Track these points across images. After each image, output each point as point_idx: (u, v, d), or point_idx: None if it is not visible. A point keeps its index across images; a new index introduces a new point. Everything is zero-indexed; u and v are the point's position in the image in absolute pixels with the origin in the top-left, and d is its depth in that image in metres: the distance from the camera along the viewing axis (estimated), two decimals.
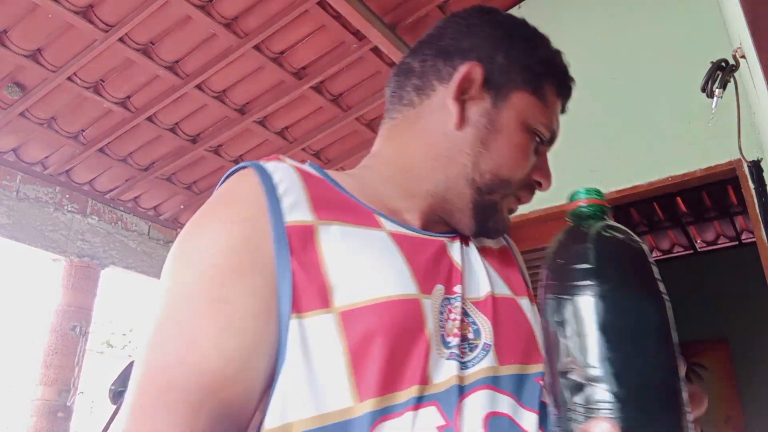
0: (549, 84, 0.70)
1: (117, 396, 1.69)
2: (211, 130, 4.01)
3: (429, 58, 0.70)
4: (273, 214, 0.55)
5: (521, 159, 0.66)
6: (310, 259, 0.54)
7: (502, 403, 0.55)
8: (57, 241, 4.13)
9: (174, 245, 0.57)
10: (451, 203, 0.67)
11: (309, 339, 0.51)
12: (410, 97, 0.71)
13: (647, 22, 2.79)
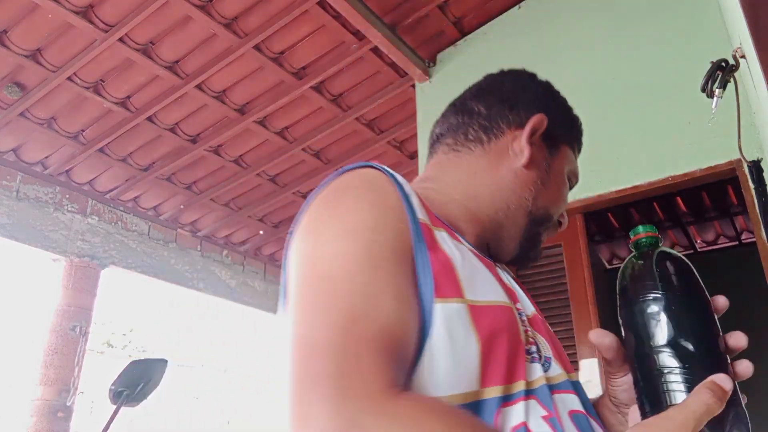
0: (577, 142, 0.86)
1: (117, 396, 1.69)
2: (211, 130, 4.01)
3: (495, 105, 0.83)
4: (409, 210, 0.62)
5: (562, 200, 0.82)
6: (442, 255, 0.61)
7: (575, 402, 0.66)
8: (57, 241, 4.13)
9: (314, 218, 0.61)
10: (506, 230, 0.78)
11: (450, 322, 0.57)
12: (478, 135, 0.81)
13: (647, 22, 2.79)
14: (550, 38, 3.06)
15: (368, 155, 4.53)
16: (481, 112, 0.84)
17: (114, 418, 1.75)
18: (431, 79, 3.48)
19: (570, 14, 3.04)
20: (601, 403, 0.74)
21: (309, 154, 4.41)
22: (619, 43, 2.84)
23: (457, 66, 3.40)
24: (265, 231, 5.27)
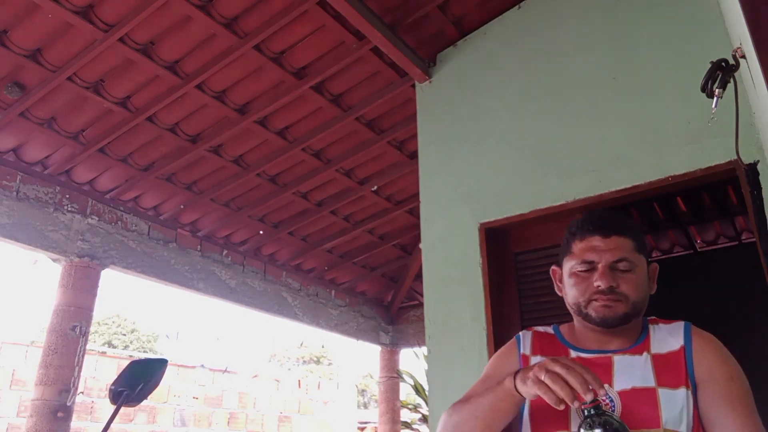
0: (572, 242, 1.23)
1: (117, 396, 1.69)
2: (211, 130, 4.01)
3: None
4: (518, 354, 1.29)
5: (573, 290, 1.21)
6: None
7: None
8: (57, 241, 4.13)
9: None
10: (585, 327, 1.23)
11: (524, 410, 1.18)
12: None
13: (647, 22, 2.79)
14: (550, 38, 3.05)
15: (368, 155, 4.54)
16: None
17: (114, 418, 1.75)
18: (431, 79, 3.48)
19: (570, 14, 3.04)
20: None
21: (309, 154, 4.41)
22: (619, 43, 2.83)
23: (457, 66, 3.40)
24: (265, 231, 5.27)
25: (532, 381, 0.98)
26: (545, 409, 1.06)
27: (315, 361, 21.23)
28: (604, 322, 1.16)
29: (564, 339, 1.26)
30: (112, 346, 14.76)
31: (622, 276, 1.16)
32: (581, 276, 1.19)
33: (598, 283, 1.15)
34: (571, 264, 1.21)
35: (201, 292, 5.04)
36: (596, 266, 1.17)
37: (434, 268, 3.07)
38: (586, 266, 1.18)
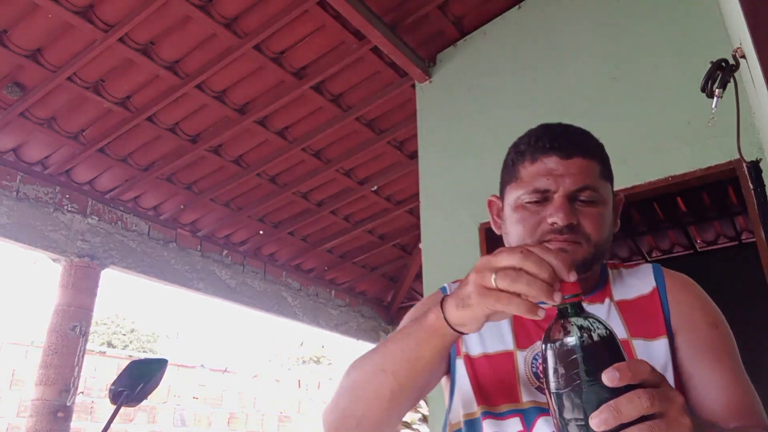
0: (520, 163, 0.94)
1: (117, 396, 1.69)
2: (211, 130, 4.01)
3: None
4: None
5: (519, 226, 0.92)
6: None
7: None
8: (57, 241, 4.13)
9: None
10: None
11: (460, 370, 0.93)
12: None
13: (647, 21, 2.79)
14: (550, 38, 3.05)
15: (368, 155, 4.54)
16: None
17: (114, 418, 1.75)
18: (431, 79, 3.48)
19: (570, 14, 3.04)
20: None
21: (309, 154, 4.41)
22: (619, 43, 2.83)
23: (457, 66, 3.40)
24: (265, 231, 5.27)
25: (476, 295, 0.65)
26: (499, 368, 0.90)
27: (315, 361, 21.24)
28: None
29: None
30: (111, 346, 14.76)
31: (584, 210, 0.89)
32: (530, 209, 0.90)
33: (553, 219, 0.87)
34: (516, 194, 0.92)
35: (201, 292, 5.04)
36: (551, 196, 0.89)
37: (434, 268, 3.07)
38: (536, 196, 0.90)
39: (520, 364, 0.90)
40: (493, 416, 0.87)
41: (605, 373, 0.54)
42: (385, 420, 0.83)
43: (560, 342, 0.59)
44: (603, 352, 0.57)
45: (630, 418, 0.52)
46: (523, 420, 0.85)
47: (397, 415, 0.85)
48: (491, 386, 0.89)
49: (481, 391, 0.89)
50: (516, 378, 0.89)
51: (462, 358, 0.93)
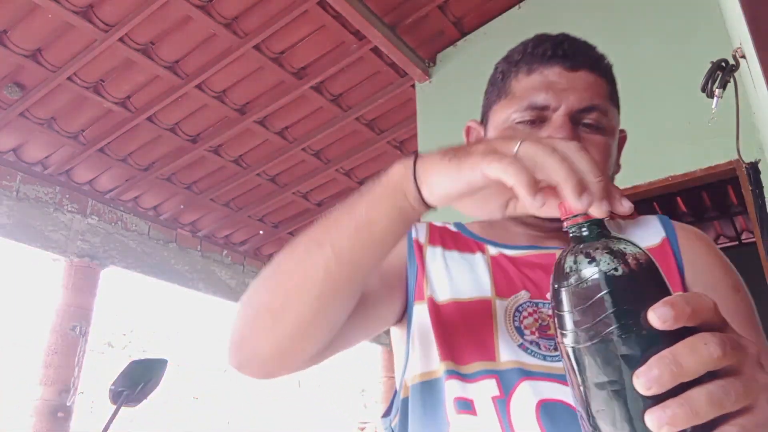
0: (513, 76, 0.78)
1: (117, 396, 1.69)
2: (211, 130, 4.01)
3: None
4: (408, 239, 0.80)
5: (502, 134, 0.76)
6: (422, 265, 0.76)
7: (559, 392, 0.64)
8: (57, 241, 4.13)
9: None
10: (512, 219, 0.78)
11: (419, 317, 0.73)
12: None
13: (647, 22, 2.79)
14: None
15: (368, 155, 4.54)
16: None
17: (114, 418, 1.75)
18: (431, 79, 3.48)
19: (570, 14, 3.04)
20: None
21: (309, 154, 4.41)
22: (619, 43, 2.83)
23: (457, 66, 3.40)
24: (265, 231, 5.27)
25: (482, 151, 0.47)
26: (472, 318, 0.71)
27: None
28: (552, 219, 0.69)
29: (473, 234, 0.82)
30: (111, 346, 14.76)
31: (588, 137, 0.72)
32: (521, 132, 0.74)
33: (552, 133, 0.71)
34: (506, 113, 0.75)
35: (201, 292, 5.04)
36: (549, 115, 0.72)
37: None
38: (532, 114, 0.73)
39: (499, 315, 0.71)
40: (461, 377, 0.67)
41: (653, 310, 0.37)
42: (311, 319, 0.58)
43: (577, 276, 0.41)
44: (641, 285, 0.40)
45: (694, 373, 0.36)
46: (500, 383, 0.65)
47: (330, 317, 0.60)
48: (461, 339, 0.69)
49: (446, 343, 0.69)
50: (493, 331, 0.69)
51: (425, 303, 0.73)
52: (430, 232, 0.82)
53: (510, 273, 0.74)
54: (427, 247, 0.79)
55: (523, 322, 0.70)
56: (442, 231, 0.83)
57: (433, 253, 0.78)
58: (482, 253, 0.78)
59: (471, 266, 0.76)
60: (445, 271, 0.76)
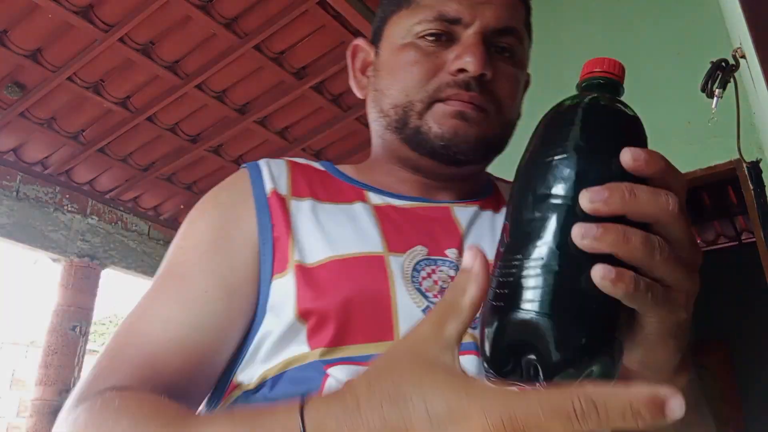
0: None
1: None
2: (211, 130, 4.01)
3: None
4: (256, 194, 0.62)
5: (405, 71, 0.63)
6: (285, 228, 0.60)
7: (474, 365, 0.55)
8: (57, 241, 4.13)
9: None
10: (400, 160, 0.68)
11: (278, 297, 0.56)
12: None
13: (647, 21, 2.79)
14: (550, 38, 3.05)
15: (368, 155, 4.53)
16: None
17: None
18: None
19: (570, 14, 3.04)
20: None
21: (309, 154, 4.41)
22: (619, 43, 2.83)
23: None
24: None
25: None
26: (360, 281, 0.56)
27: None
28: (450, 147, 0.62)
29: (348, 176, 0.71)
30: None
31: (501, 66, 0.63)
32: (424, 49, 0.62)
33: (461, 64, 0.60)
34: (407, 24, 0.64)
35: None
36: (459, 33, 0.62)
37: None
38: (440, 26, 0.62)
39: (395, 274, 0.56)
40: (346, 361, 0.52)
41: (625, 152, 0.35)
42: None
43: (556, 110, 0.40)
44: (618, 130, 0.38)
45: (642, 214, 0.34)
46: None
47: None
48: (346, 310, 0.54)
49: (323, 318, 0.54)
50: (390, 297, 0.55)
51: (288, 273, 0.56)
52: (292, 177, 0.66)
53: (402, 225, 0.62)
54: (291, 201, 0.62)
55: (423, 284, 0.57)
56: (307, 173, 0.68)
57: (300, 208, 0.62)
58: (363, 203, 0.64)
59: (352, 219, 0.62)
60: (318, 228, 0.60)
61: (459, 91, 0.61)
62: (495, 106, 0.63)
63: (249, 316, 0.57)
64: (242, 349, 0.57)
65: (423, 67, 0.62)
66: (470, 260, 0.36)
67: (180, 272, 0.58)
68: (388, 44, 0.67)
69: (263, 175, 0.64)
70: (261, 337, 0.56)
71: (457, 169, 0.65)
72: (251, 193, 0.63)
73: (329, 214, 0.62)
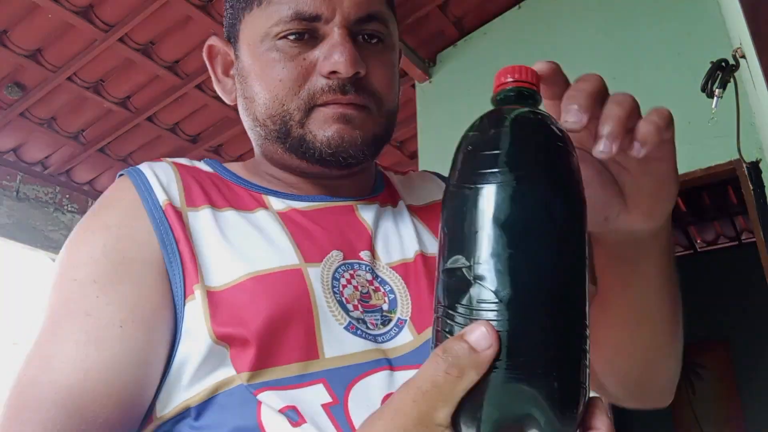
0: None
1: None
2: (211, 130, 4.01)
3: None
4: (148, 206, 0.56)
5: (273, 78, 0.59)
6: (187, 244, 0.54)
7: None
8: (57, 241, 4.13)
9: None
10: (288, 167, 0.64)
11: (190, 320, 0.52)
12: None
13: (647, 21, 2.79)
14: (550, 38, 3.05)
15: None
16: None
17: None
18: (431, 79, 3.47)
19: (570, 14, 3.04)
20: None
21: None
22: (619, 43, 2.84)
23: (457, 66, 3.40)
24: None
25: None
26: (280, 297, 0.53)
27: None
28: (338, 153, 0.59)
29: (241, 178, 0.66)
30: None
31: (373, 56, 0.60)
32: (286, 52, 0.58)
33: (333, 66, 0.56)
34: (264, 26, 0.59)
35: None
36: (319, 29, 0.58)
37: None
38: (299, 26, 0.58)
39: (316, 288, 0.54)
40: (274, 386, 0.49)
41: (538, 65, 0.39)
42: None
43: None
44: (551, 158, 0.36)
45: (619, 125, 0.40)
46: (329, 386, 0.50)
47: None
48: (266, 329, 0.50)
49: (244, 341, 0.50)
50: (313, 316, 0.52)
51: (198, 296, 0.52)
52: (184, 184, 0.60)
53: (311, 231, 0.59)
54: (188, 212, 0.57)
55: (344, 293, 0.55)
56: (198, 177, 0.62)
57: (197, 218, 0.57)
58: (265, 209, 0.60)
59: (258, 229, 0.57)
60: (224, 241, 0.55)
61: (336, 95, 0.58)
62: (375, 100, 0.60)
63: (170, 343, 0.52)
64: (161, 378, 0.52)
65: (292, 73, 0.58)
66: (483, 342, 0.32)
67: (82, 309, 0.51)
68: (246, 47, 0.62)
69: (151, 184, 0.58)
70: (180, 362, 0.51)
71: (349, 170, 0.62)
72: (142, 206, 0.56)
73: (233, 225, 0.57)
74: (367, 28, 0.59)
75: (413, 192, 0.72)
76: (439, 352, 0.33)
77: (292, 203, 0.62)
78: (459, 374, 0.32)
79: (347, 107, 0.58)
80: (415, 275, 0.59)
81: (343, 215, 0.62)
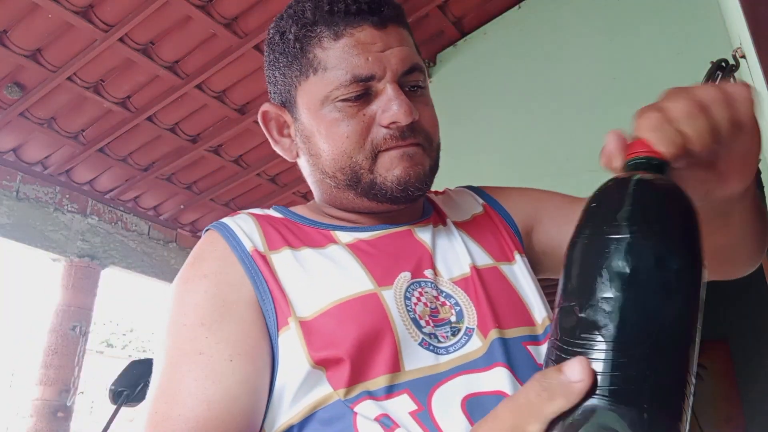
0: (315, 42, 0.68)
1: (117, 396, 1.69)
2: (211, 130, 4.01)
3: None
4: (239, 254, 0.64)
5: (339, 135, 0.66)
6: (276, 284, 0.62)
7: (483, 382, 0.59)
8: (57, 241, 4.13)
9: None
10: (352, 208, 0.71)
11: (286, 350, 0.59)
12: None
13: (647, 22, 2.79)
14: (550, 38, 3.05)
15: None
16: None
17: (114, 418, 1.75)
18: (431, 79, 3.47)
19: (570, 14, 3.04)
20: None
21: None
22: (619, 43, 2.83)
23: (457, 66, 3.40)
24: None
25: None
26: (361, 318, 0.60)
27: None
28: (407, 189, 0.66)
29: (308, 219, 0.72)
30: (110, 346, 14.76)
31: (416, 101, 0.68)
32: (347, 111, 0.65)
33: (393, 117, 0.64)
34: (323, 91, 0.65)
35: None
36: (374, 86, 0.65)
37: None
38: (358, 89, 0.64)
39: (391, 308, 0.60)
40: (367, 396, 0.56)
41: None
42: None
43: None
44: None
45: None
46: (413, 395, 0.57)
47: None
48: (356, 349, 0.57)
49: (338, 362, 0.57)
50: (392, 331, 0.59)
51: (293, 327, 0.59)
52: (263, 231, 0.68)
53: (378, 258, 0.66)
54: (271, 256, 0.64)
55: (416, 310, 0.62)
56: (273, 224, 0.69)
57: (280, 261, 0.64)
58: (335, 244, 0.67)
59: (333, 262, 0.64)
60: (306, 276, 0.63)
61: (397, 142, 0.65)
62: (426, 139, 0.68)
63: (270, 371, 0.60)
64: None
65: (356, 129, 0.65)
66: (576, 374, 0.35)
67: (195, 349, 0.58)
68: (306, 110, 0.68)
69: (237, 234, 0.67)
70: (280, 387, 0.59)
71: (412, 202, 0.70)
72: (232, 253, 0.64)
73: (311, 261, 0.65)
74: (411, 79, 0.68)
75: (455, 209, 0.79)
76: (539, 376, 0.37)
77: (358, 234, 0.69)
78: (549, 398, 0.36)
79: (410, 146, 0.66)
80: (474, 287, 0.66)
81: (403, 239, 0.70)
